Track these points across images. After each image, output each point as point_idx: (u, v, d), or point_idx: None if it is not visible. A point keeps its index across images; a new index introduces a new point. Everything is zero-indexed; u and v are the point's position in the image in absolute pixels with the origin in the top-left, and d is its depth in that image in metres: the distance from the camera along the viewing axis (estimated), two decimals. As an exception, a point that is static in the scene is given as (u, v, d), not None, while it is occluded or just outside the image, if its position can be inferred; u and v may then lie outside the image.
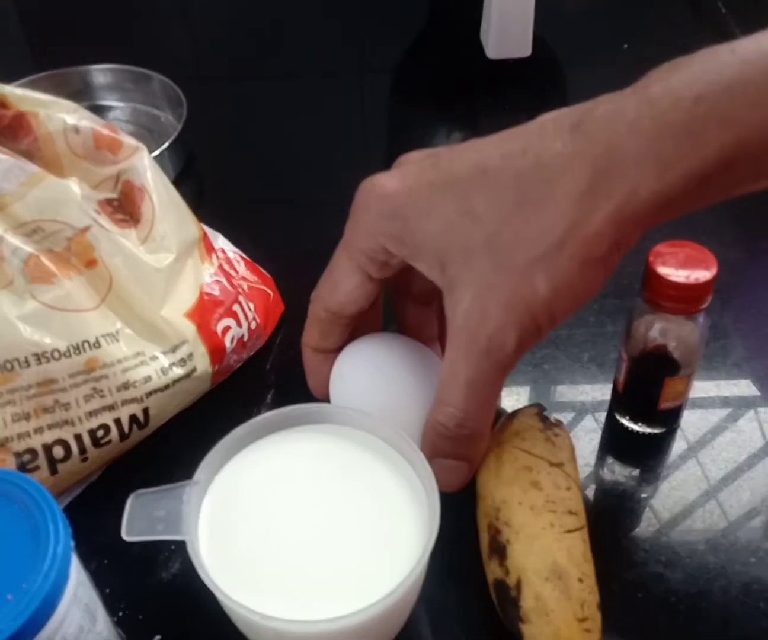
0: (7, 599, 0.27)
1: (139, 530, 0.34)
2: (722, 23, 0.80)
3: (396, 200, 0.36)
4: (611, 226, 0.32)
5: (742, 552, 0.40)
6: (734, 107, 0.31)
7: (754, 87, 0.31)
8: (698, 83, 0.32)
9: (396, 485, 0.36)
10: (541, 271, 0.33)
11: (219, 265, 0.49)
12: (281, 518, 0.36)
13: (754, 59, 0.31)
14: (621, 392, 0.45)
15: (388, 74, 0.77)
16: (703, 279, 0.39)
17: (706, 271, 0.39)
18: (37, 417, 0.41)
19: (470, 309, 0.34)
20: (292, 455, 0.38)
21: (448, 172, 0.35)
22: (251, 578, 0.33)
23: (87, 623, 0.31)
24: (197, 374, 0.45)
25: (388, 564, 0.33)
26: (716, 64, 0.32)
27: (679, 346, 0.42)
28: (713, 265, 0.39)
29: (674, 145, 0.31)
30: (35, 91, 0.45)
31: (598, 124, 0.33)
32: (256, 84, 0.78)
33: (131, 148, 0.46)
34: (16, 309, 0.40)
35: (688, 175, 0.31)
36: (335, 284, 0.40)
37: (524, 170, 0.33)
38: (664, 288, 0.39)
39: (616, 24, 0.82)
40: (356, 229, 0.38)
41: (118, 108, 0.72)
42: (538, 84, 0.74)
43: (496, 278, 0.33)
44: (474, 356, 0.34)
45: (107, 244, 0.43)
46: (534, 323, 0.34)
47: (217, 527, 0.35)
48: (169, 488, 0.35)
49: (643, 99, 0.32)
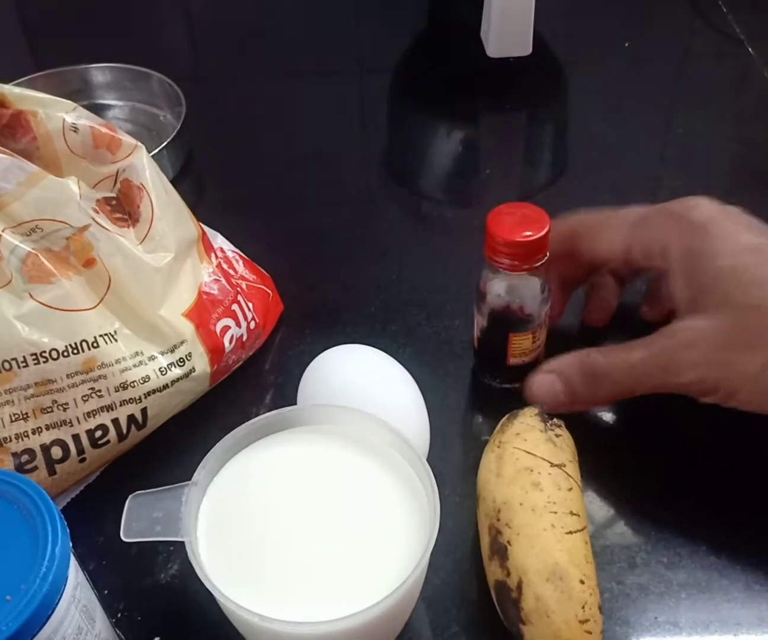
0: (5, 600, 0.27)
1: (138, 531, 0.35)
2: (724, 23, 0.80)
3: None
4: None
5: (743, 552, 0.40)
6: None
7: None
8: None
9: (396, 486, 0.36)
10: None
11: (218, 265, 0.49)
12: (280, 519, 0.35)
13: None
14: (476, 350, 0.48)
15: (388, 74, 0.77)
16: (533, 237, 0.41)
17: (538, 229, 0.42)
18: (35, 417, 0.41)
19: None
20: (292, 456, 0.38)
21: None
22: (250, 580, 0.33)
23: (85, 624, 0.30)
24: (196, 374, 0.45)
25: (388, 565, 0.33)
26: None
27: (520, 302, 0.44)
28: (546, 223, 0.42)
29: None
30: (34, 90, 0.45)
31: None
32: (255, 83, 0.77)
33: (130, 147, 0.45)
34: (14, 308, 0.40)
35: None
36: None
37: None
38: (498, 246, 0.42)
39: (617, 23, 0.82)
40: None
41: (116, 107, 0.71)
42: (539, 83, 0.74)
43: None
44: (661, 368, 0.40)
45: (106, 244, 0.42)
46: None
47: (216, 528, 0.35)
48: (168, 489, 0.35)
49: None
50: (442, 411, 0.45)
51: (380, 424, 0.37)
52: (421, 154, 0.70)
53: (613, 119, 0.70)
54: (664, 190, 0.63)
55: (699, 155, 0.66)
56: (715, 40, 0.81)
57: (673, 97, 0.74)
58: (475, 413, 0.48)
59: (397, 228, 0.61)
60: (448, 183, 0.68)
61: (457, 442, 0.46)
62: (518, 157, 0.69)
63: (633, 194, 0.62)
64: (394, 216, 0.63)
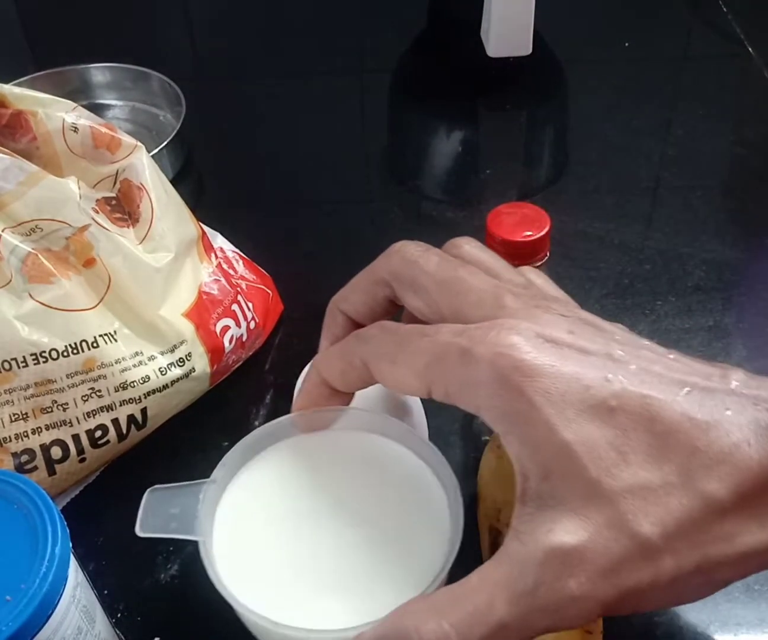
0: (5, 600, 0.27)
1: (153, 527, 0.33)
2: (723, 23, 0.80)
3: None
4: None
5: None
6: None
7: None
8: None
9: (418, 493, 0.35)
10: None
11: (218, 265, 0.49)
12: (298, 523, 0.34)
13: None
14: None
15: (388, 74, 0.77)
16: (533, 237, 0.41)
17: (538, 229, 0.41)
18: (35, 417, 0.41)
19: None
20: (314, 459, 0.37)
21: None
22: (264, 583, 0.32)
23: (85, 624, 0.30)
24: (196, 374, 0.45)
25: (406, 575, 0.32)
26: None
27: None
28: (546, 223, 0.42)
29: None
30: (34, 90, 0.45)
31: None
32: (255, 83, 0.77)
33: (130, 146, 0.45)
34: (14, 308, 0.40)
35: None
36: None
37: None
38: (498, 246, 0.41)
39: (617, 23, 0.82)
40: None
41: (116, 107, 0.71)
42: (539, 83, 0.74)
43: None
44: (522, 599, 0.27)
45: (106, 244, 0.42)
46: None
47: (232, 528, 0.34)
48: (186, 486, 0.34)
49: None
50: (442, 411, 0.45)
51: (406, 430, 0.36)
52: (421, 155, 0.69)
53: (613, 119, 0.70)
54: (664, 190, 0.63)
55: (699, 155, 0.66)
56: (715, 40, 0.81)
57: (673, 97, 0.74)
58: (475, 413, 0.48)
59: (397, 228, 0.61)
60: (448, 183, 0.68)
61: (457, 442, 0.46)
62: (518, 157, 0.69)
63: (633, 194, 0.63)
64: (394, 216, 0.63)
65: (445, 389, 0.31)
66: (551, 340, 0.29)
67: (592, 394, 0.28)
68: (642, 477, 0.27)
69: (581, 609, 0.27)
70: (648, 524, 0.27)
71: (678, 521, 0.27)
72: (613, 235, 0.58)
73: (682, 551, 0.27)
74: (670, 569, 0.27)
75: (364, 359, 0.33)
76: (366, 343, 0.33)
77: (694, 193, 0.62)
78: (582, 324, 0.31)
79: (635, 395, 0.28)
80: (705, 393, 0.28)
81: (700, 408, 0.27)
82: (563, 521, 0.27)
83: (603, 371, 0.28)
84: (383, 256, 0.36)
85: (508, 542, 0.28)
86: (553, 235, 0.44)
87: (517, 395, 0.28)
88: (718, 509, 0.27)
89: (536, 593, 0.27)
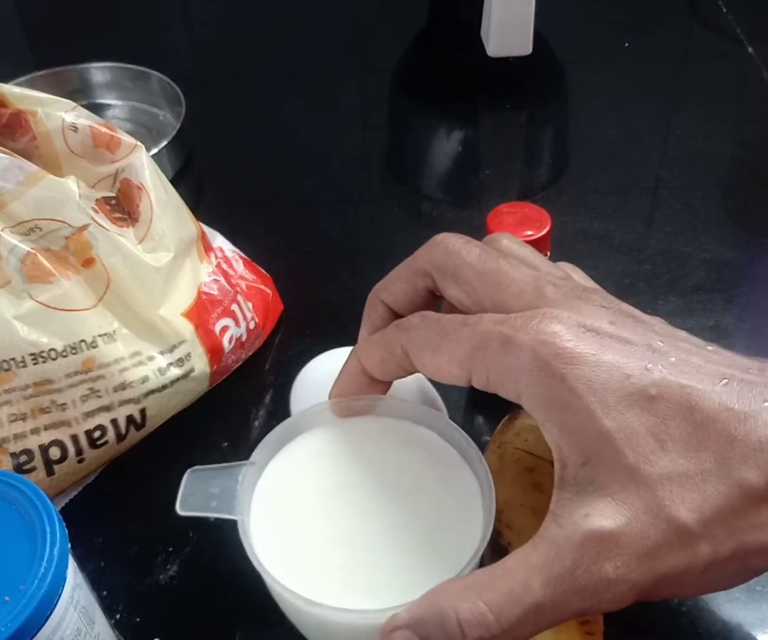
0: (4, 601, 0.27)
1: (193, 506, 0.34)
2: (723, 23, 0.80)
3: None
4: None
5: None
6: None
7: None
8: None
9: (453, 479, 0.35)
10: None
11: (217, 264, 0.49)
12: (334, 505, 0.35)
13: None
14: None
15: (388, 74, 0.77)
16: (533, 236, 0.41)
17: (538, 229, 0.41)
18: (33, 418, 0.40)
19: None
20: (351, 443, 0.37)
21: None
22: (299, 563, 0.33)
23: (84, 625, 0.30)
24: (195, 375, 0.45)
25: (440, 557, 0.33)
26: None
27: None
28: (547, 223, 0.41)
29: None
30: (33, 90, 0.45)
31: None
32: (255, 83, 0.77)
33: (129, 146, 0.45)
34: (13, 308, 0.40)
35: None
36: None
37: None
38: None
39: (617, 23, 0.82)
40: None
41: (116, 106, 0.71)
42: (539, 83, 0.74)
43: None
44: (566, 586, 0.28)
45: (105, 243, 0.42)
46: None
47: (270, 508, 0.35)
48: (226, 467, 0.35)
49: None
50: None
51: (446, 422, 0.37)
52: (421, 154, 0.69)
53: (613, 119, 0.70)
54: (664, 190, 0.63)
55: (699, 155, 0.66)
56: (715, 40, 0.81)
57: (673, 97, 0.74)
58: (475, 413, 0.48)
59: (397, 228, 0.61)
60: (448, 183, 0.68)
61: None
62: (518, 157, 0.68)
63: (633, 194, 0.63)
64: (394, 216, 0.63)
65: (486, 375, 0.31)
66: (592, 329, 0.30)
67: (632, 382, 0.28)
68: (680, 464, 0.28)
69: (616, 593, 0.28)
70: (685, 510, 0.27)
71: (715, 508, 0.27)
72: (613, 235, 0.58)
73: (718, 537, 0.27)
74: (706, 555, 0.27)
75: (405, 347, 0.33)
76: (407, 332, 0.34)
77: (694, 193, 0.62)
78: (622, 315, 0.31)
79: (675, 385, 0.28)
80: (743, 384, 0.28)
81: (738, 399, 0.28)
82: (601, 505, 0.28)
83: (643, 361, 0.29)
84: (425, 248, 0.36)
85: (545, 526, 0.29)
86: (553, 235, 0.44)
87: (558, 382, 0.29)
88: (755, 497, 0.27)
89: (573, 575, 0.27)
